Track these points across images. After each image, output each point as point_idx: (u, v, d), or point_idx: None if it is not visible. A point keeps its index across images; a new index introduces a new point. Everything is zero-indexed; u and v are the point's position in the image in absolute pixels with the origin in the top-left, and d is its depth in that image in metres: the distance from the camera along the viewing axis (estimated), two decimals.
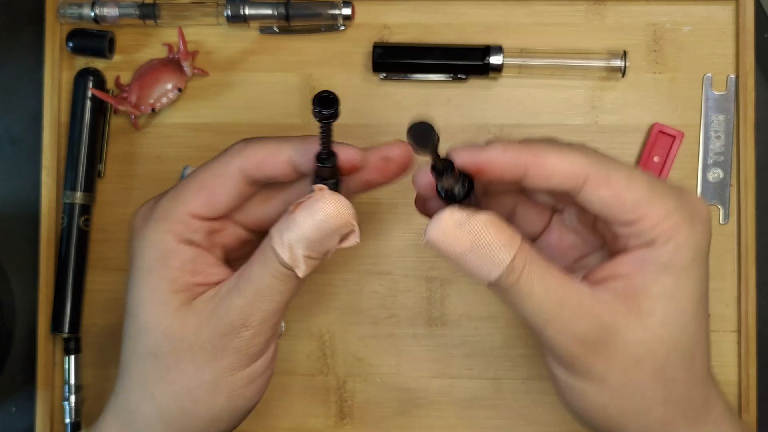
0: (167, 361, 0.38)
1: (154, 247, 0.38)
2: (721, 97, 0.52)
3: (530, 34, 0.53)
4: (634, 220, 0.35)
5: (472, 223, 0.35)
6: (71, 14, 0.52)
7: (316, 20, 0.52)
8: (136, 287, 0.38)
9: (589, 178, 0.35)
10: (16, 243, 0.53)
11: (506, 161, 0.35)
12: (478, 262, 0.35)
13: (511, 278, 0.35)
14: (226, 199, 0.39)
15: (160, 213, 0.38)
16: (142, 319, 0.38)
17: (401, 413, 0.52)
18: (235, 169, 0.38)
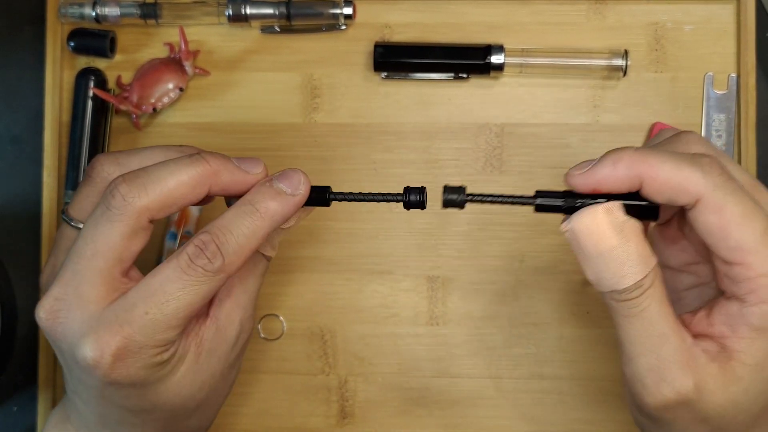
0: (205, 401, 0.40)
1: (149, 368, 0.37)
2: (722, 96, 0.52)
3: (532, 33, 0.53)
4: (733, 261, 0.34)
5: (626, 227, 0.34)
6: (72, 14, 0.52)
7: (318, 19, 0.52)
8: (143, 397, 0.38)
9: (701, 200, 0.33)
10: (17, 242, 0.53)
11: (619, 176, 0.34)
12: (610, 268, 0.34)
13: (636, 292, 0.34)
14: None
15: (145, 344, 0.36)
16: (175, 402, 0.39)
17: (402, 412, 0.52)
18: (221, 284, 0.37)
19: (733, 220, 0.33)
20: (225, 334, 0.39)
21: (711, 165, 0.33)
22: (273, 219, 0.37)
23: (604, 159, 0.35)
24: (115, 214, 0.36)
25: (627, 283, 0.34)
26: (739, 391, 0.34)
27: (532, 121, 0.53)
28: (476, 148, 0.53)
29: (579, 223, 0.34)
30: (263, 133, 0.53)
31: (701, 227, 0.34)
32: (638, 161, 0.34)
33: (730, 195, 0.33)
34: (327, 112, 0.53)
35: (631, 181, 0.34)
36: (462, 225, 0.52)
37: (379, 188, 0.52)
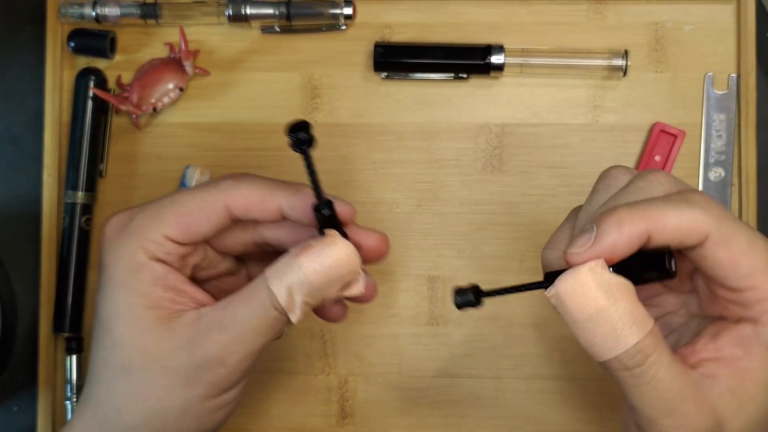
0: (139, 378, 0.38)
1: (126, 260, 0.38)
2: (723, 96, 0.52)
3: (531, 33, 0.53)
4: (744, 288, 0.34)
5: (615, 286, 0.32)
6: (72, 14, 0.52)
7: (318, 19, 0.52)
8: (109, 299, 0.38)
9: (710, 236, 0.33)
10: (17, 243, 0.53)
11: (628, 239, 0.33)
12: (602, 332, 0.32)
13: (637, 359, 0.32)
14: (205, 230, 0.39)
15: (135, 228, 0.38)
16: (117, 331, 0.38)
17: (403, 413, 0.52)
18: (220, 206, 0.38)
19: (741, 250, 0.33)
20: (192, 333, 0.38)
21: (705, 200, 0.33)
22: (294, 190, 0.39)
23: (605, 226, 0.33)
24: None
25: (622, 347, 0.32)
26: (753, 409, 0.34)
27: (532, 121, 0.53)
28: (476, 148, 0.53)
29: (563, 287, 0.33)
30: (263, 133, 0.53)
31: (710, 263, 0.33)
32: (641, 217, 0.33)
33: (734, 224, 0.33)
34: (327, 112, 0.53)
35: (639, 239, 0.33)
36: (462, 225, 0.52)
37: (379, 188, 0.52)
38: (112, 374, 0.38)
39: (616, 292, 0.32)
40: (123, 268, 0.38)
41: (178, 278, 0.39)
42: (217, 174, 0.53)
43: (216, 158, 0.53)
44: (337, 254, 0.36)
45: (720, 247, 0.33)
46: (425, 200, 0.53)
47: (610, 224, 0.33)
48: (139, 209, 0.39)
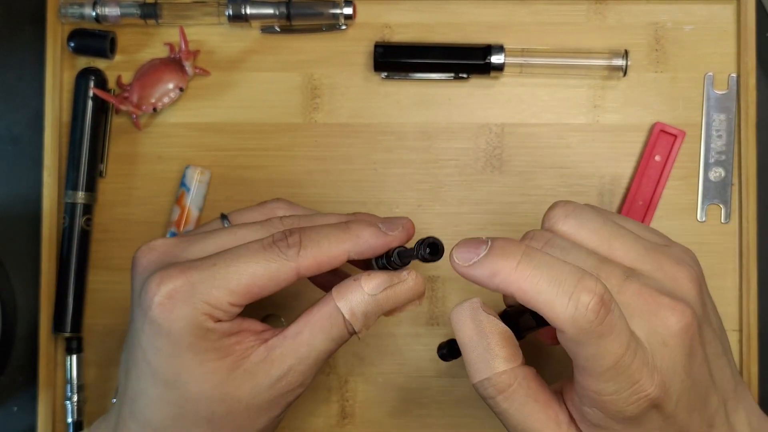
0: (221, 422, 0.39)
1: (194, 327, 0.38)
2: (723, 96, 0.52)
3: (532, 33, 0.53)
4: (576, 366, 0.36)
5: (484, 322, 0.37)
6: (72, 14, 0.52)
7: (318, 19, 0.52)
8: (175, 359, 0.38)
9: (564, 333, 0.34)
10: (17, 243, 0.53)
11: (493, 287, 0.35)
12: (473, 357, 0.36)
13: (490, 391, 0.36)
14: (272, 292, 0.39)
15: (201, 296, 0.38)
16: (192, 389, 0.38)
17: (403, 412, 0.52)
18: (292, 274, 0.39)
19: (585, 356, 0.34)
20: (270, 368, 0.39)
21: (588, 306, 0.33)
22: (359, 241, 0.40)
23: (484, 263, 0.35)
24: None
25: (477, 377, 0.36)
26: None
27: (532, 121, 0.53)
28: (476, 148, 0.53)
29: (453, 314, 0.37)
30: (263, 133, 0.53)
31: (560, 340, 0.35)
32: (512, 283, 0.34)
33: (593, 338, 0.33)
34: (327, 112, 0.53)
35: (505, 293, 0.35)
36: (462, 225, 0.52)
37: (379, 188, 0.52)
38: (188, 428, 0.40)
39: (486, 328, 0.36)
40: (191, 336, 0.38)
41: (236, 322, 0.39)
42: (217, 174, 0.53)
43: (216, 158, 0.53)
44: (418, 289, 0.41)
45: (568, 342, 0.34)
46: (425, 200, 0.53)
47: (487, 267, 0.35)
48: (195, 270, 0.38)
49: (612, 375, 0.34)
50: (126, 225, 0.53)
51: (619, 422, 0.35)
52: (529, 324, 0.38)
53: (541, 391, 0.37)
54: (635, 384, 0.34)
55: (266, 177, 0.53)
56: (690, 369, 0.36)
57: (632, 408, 0.34)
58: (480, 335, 0.36)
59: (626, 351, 0.34)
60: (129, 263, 0.42)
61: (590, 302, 0.33)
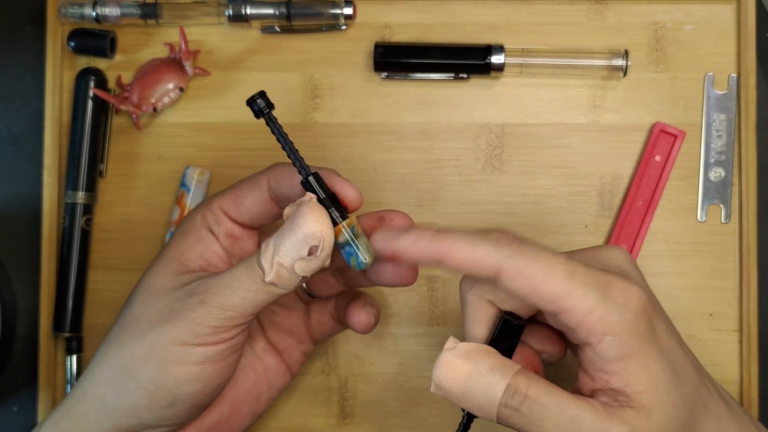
0: (137, 324, 0.41)
1: (187, 223, 0.43)
2: (723, 96, 0.52)
3: (532, 33, 0.53)
4: (557, 312, 0.35)
5: (470, 352, 0.36)
6: (72, 14, 0.52)
7: (318, 20, 0.52)
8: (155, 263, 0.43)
9: (501, 270, 0.35)
10: (17, 243, 0.53)
11: (418, 250, 0.37)
12: (479, 388, 0.36)
13: (517, 398, 0.35)
14: (252, 204, 0.42)
15: (202, 203, 0.43)
16: (144, 282, 0.42)
17: (403, 413, 0.52)
18: (263, 181, 0.42)
19: (537, 277, 0.35)
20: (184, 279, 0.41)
21: (501, 238, 0.36)
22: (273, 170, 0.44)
23: (407, 234, 0.37)
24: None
25: (498, 392, 0.35)
26: (662, 415, 0.35)
27: (532, 121, 0.53)
28: (476, 148, 0.53)
29: (436, 375, 0.37)
30: (263, 133, 0.53)
31: (516, 293, 0.36)
32: (437, 241, 0.36)
33: (526, 257, 0.35)
34: (327, 112, 0.53)
35: (430, 258, 0.37)
36: (462, 225, 0.52)
37: (379, 188, 0.52)
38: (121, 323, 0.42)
39: (474, 355, 0.36)
40: (183, 231, 0.43)
41: (215, 250, 0.42)
42: (218, 174, 0.53)
43: (216, 158, 0.53)
44: (304, 217, 0.37)
45: (515, 279, 0.35)
46: (425, 200, 0.53)
47: (411, 234, 0.37)
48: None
49: (577, 284, 0.35)
50: (126, 225, 0.53)
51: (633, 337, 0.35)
52: (502, 345, 0.38)
53: (556, 386, 0.36)
54: (609, 285, 0.35)
55: None
56: (650, 292, 0.37)
57: (630, 310, 0.35)
58: (476, 363, 0.36)
59: (569, 260, 0.35)
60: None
61: (499, 235, 0.36)
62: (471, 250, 0.36)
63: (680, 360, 0.37)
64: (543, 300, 0.35)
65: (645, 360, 0.35)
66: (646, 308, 0.36)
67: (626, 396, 0.35)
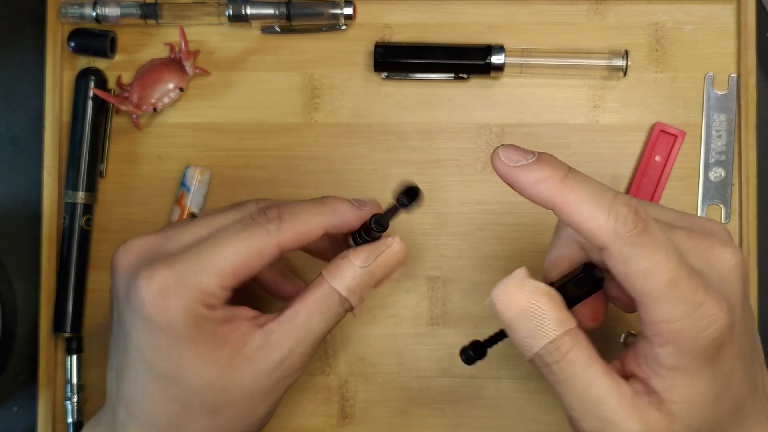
0: (225, 411, 0.39)
1: (189, 318, 0.38)
2: (723, 96, 0.52)
3: (532, 33, 0.53)
4: (640, 305, 0.35)
5: (533, 289, 0.36)
6: (72, 14, 0.52)
7: (318, 20, 0.52)
8: (175, 355, 0.38)
9: (608, 249, 0.34)
10: (17, 243, 0.53)
11: (535, 193, 0.35)
12: (528, 328, 0.35)
13: (555, 355, 0.35)
14: (259, 270, 0.39)
15: (190, 284, 0.38)
16: (194, 381, 0.39)
17: (403, 413, 0.52)
18: (274, 249, 0.39)
19: (636, 273, 0.34)
20: (270, 353, 0.39)
21: (627, 218, 0.34)
22: (334, 214, 0.40)
23: (534, 167, 0.35)
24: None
25: (540, 343, 0.35)
26: (682, 428, 0.35)
27: (532, 121, 0.53)
28: (476, 148, 0.53)
29: (494, 294, 0.36)
30: (263, 133, 0.53)
31: (610, 268, 0.35)
32: (558, 192, 0.34)
33: (638, 249, 0.33)
34: (327, 112, 0.53)
35: (543, 203, 0.35)
36: (462, 225, 0.52)
37: (379, 188, 0.53)
38: (193, 419, 0.39)
39: (536, 295, 0.36)
40: (189, 326, 0.38)
41: (228, 309, 0.40)
42: (218, 174, 0.53)
43: (216, 158, 0.53)
44: (397, 253, 0.41)
45: (616, 263, 0.34)
46: (425, 200, 0.53)
47: (535, 172, 0.35)
48: (181, 261, 0.38)
49: (673, 294, 0.33)
50: (126, 225, 0.53)
51: (695, 358, 0.34)
52: (576, 291, 0.38)
53: (601, 359, 0.36)
54: (701, 305, 0.33)
55: (266, 177, 0.53)
56: (744, 310, 0.36)
57: (704, 336, 0.33)
58: (532, 303, 0.35)
59: (679, 266, 0.33)
60: None
61: (628, 213, 0.33)
62: (587, 217, 0.34)
63: (736, 379, 0.36)
64: (634, 292, 0.34)
65: (695, 379, 0.34)
66: (722, 336, 0.34)
67: (660, 399, 0.35)
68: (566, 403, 0.36)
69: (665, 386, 0.35)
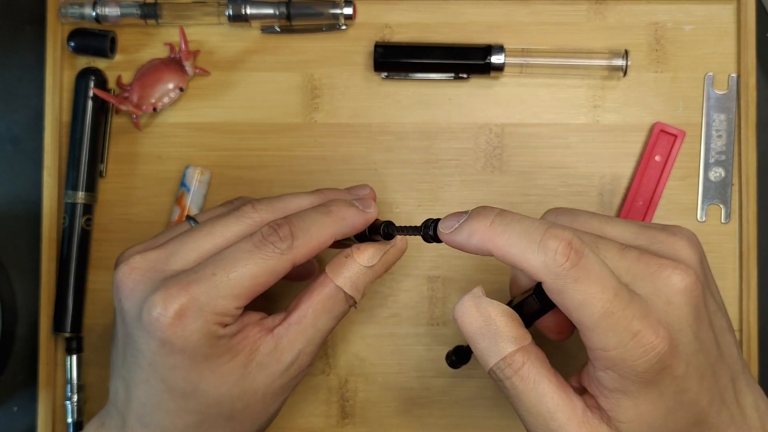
0: (241, 416, 0.41)
1: (207, 338, 0.39)
2: (723, 96, 0.52)
3: (532, 33, 0.53)
4: (580, 331, 0.35)
5: (488, 308, 0.37)
6: (72, 14, 0.52)
7: (318, 19, 0.52)
8: (192, 372, 0.39)
9: (545, 283, 0.35)
10: (17, 243, 0.53)
11: (472, 247, 0.37)
12: (484, 344, 0.37)
13: (507, 372, 0.36)
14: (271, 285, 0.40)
15: (208, 307, 0.38)
16: (212, 394, 0.39)
17: (403, 413, 0.52)
18: (288, 266, 0.40)
19: (572, 305, 0.35)
20: (280, 356, 0.41)
21: (556, 254, 0.34)
22: (343, 223, 0.41)
23: (463, 227, 0.37)
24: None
25: (492, 360, 0.36)
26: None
27: (532, 121, 0.53)
28: (476, 148, 0.53)
29: (457, 310, 0.38)
30: (263, 133, 0.53)
31: (551, 298, 0.36)
32: (487, 240, 0.36)
33: (570, 283, 0.34)
34: (327, 112, 0.53)
35: (481, 252, 0.36)
36: None
37: (379, 188, 0.53)
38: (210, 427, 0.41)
39: (491, 312, 0.37)
40: (207, 347, 0.39)
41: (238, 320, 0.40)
42: (218, 174, 0.53)
43: (216, 158, 0.53)
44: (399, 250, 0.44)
45: (553, 295, 0.35)
46: (425, 200, 0.53)
47: (465, 230, 0.37)
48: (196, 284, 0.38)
49: (607, 324, 0.34)
50: (126, 225, 0.53)
51: (635, 382, 0.35)
52: (533, 307, 0.39)
53: (554, 374, 0.37)
54: (636, 335, 0.34)
55: (266, 177, 0.53)
56: (697, 331, 0.36)
57: (642, 363, 0.34)
58: (487, 321, 0.37)
59: (614, 297, 0.34)
60: None
61: (558, 246, 0.34)
62: (520, 257, 0.35)
63: (688, 397, 0.36)
64: (572, 319, 0.35)
65: (638, 400, 0.35)
66: (662, 360, 0.34)
67: (608, 417, 0.36)
68: (519, 416, 0.37)
69: (610, 406, 0.36)
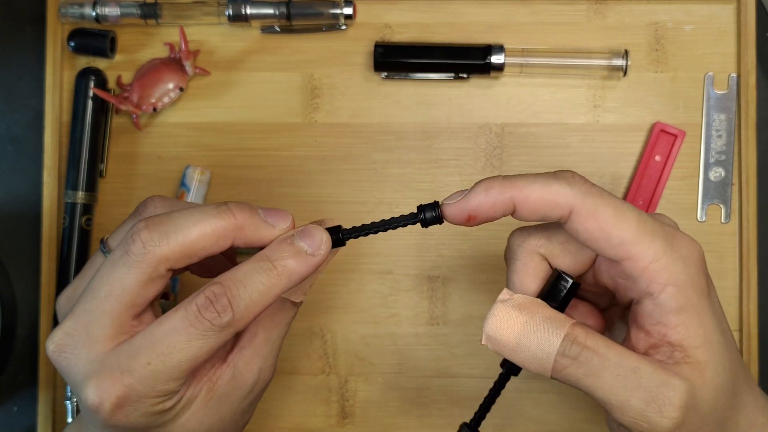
0: None
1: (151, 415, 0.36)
2: (723, 95, 0.52)
3: (532, 33, 0.53)
4: (622, 258, 0.35)
5: (525, 303, 0.36)
6: (72, 14, 0.52)
7: (318, 19, 0.52)
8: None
9: (574, 209, 0.34)
10: (17, 242, 0.53)
11: (492, 202, 0.35)
12: (534, 339, 0.35)
13: (575, 348, 0.34)
14: None
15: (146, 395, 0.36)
16: None
17: (403, 412, 0.52)
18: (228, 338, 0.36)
19: (608, 220, 0.34)
20: (241, 381, 0.39)
21: (574, 177, 0.35)
22: (290, 278, 0.36)
23: (476, 187, 0.36)
24: (134, 260, 0.35)
25: (556, 343, 0.34)
26: (714, 374, 0.35)
27: (532, 121, 0.53)
28: (476, 148, 0.53)
29: (488, 326, 0.36)
30: (263, 133, 0.53)
31: (583, 235, 0.35)
32: (509, 185, 0.35)
33: (599, 198, 0.35)
34: (327, 112, 0.53)
35: (504, 205, 0.35)
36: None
37: (379, 188, 0.53)
38: None
39: (529, 306, 0.36)
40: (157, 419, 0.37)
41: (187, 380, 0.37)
42: (218, 174, 0.53)
43: (216, 158, 0.53)
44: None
45: (587, 220, 0.34)
46: (425, 200, 0.52)
47: (480, 186, 0.35)
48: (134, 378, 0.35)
49: (646, 232, 0.34)
50: None
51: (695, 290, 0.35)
52: (556, 299, 0.37)
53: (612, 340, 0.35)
54: (674, 237, 0.35)
55: (266, 177, 0.53)
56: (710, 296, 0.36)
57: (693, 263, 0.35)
58: (529, 317, 0.35)
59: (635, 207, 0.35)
60: None
61: (573, 176, 0.35)
62: (544, 189, 0.35)
63: (726, 324, 0.37)
64: (609, 243, 0.34)
65: (701, 316, 0.35)
66: (705, 265, 0.35)
67: (683, 350, 0.35)
68: (604, 391, 0.34)
69: (682, 333, 0.35)
